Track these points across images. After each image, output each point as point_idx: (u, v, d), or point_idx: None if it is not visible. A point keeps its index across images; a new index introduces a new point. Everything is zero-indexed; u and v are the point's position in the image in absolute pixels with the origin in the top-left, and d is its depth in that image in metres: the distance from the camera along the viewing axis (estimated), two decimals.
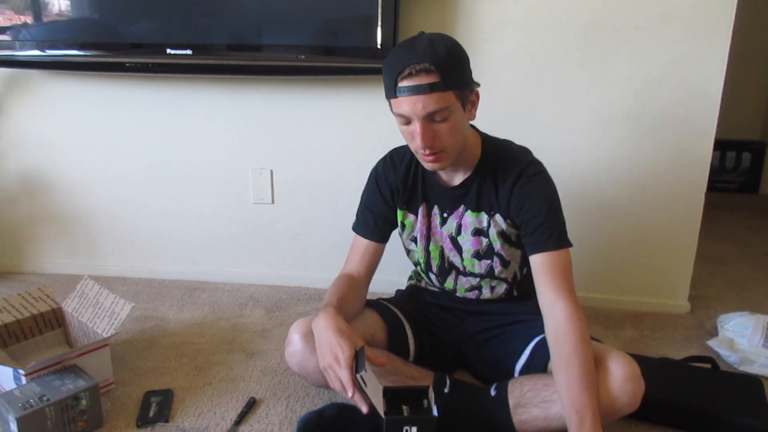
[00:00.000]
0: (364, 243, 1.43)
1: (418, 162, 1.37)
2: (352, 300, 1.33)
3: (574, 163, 1.82)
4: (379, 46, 1.68)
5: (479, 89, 1.23)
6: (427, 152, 1.19)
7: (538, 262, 1.24)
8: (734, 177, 3.23)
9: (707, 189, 1.79)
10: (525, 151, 1.33)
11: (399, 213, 1.41)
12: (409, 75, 1.12)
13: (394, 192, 1.40)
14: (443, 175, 1.34)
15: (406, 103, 1.13)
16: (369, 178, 1.45)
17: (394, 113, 1.19)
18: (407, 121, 1.17)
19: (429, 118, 1.14)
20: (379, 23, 1.66)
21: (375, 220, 1.42)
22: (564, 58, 1.75)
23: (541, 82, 1.77)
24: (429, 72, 1.11)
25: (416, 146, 1.19)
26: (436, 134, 1.16)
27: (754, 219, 2.93)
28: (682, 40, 1.68)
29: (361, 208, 1.46)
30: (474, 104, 1.23)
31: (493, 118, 1.42)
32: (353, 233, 1.46)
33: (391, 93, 1.16)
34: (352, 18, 1.70)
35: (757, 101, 3.24)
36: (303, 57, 1.74)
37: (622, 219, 1.86)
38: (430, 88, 1.11)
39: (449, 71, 1.13)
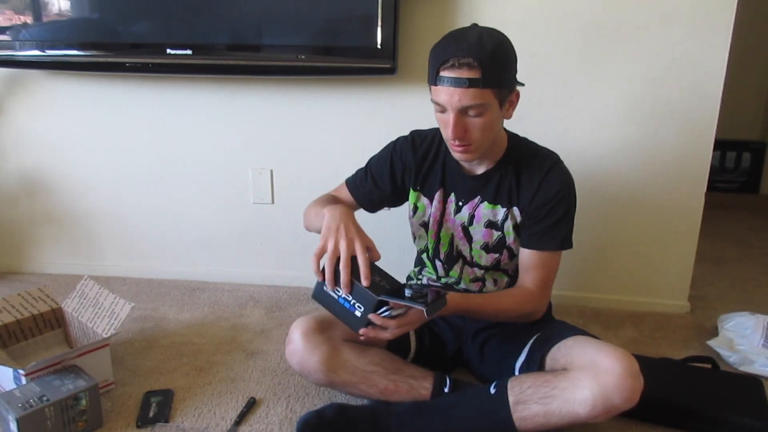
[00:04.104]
0: (347, 196, 1.45)
1: (440, 148, 1.38)
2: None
3: (574, 164, 1.79)
4: (379, 46, 1.68)
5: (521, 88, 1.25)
6: (457, 143, 1.21)
7: (531, 256, 1.31)
8: (734, 177, 3.23)
9: (707, 189, 1.79)
10: (552, 152, 1.36)
11: (412, 195, 1.41)
12: (452, 66, 1.14)
13: (406, 171, 1.40)
14: (466, 164, 1.35)
15: (444, 93, 1.16)
16: (384, 149, 1.44)
17: (432, 100, 1.21)
18: (443, 110, 1.19)
19: (463, 112, 1.17)
20: (379, 23, 1.66)
21: (371, 188, 1.43)
22: (564, 58, 1.74)
23: (541, 82, 1.77)
24: (471, 67, 1.13)
25: (447, 136, 1.22)
26: (468, 128, 1.19)
27: (754, 219, 2.93)
28: (682, 40, 1.68)
29: (364, 170, 1.45)
30: (513, 104, 1.25)
31: None
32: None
33: (432, 80, 1.18)
34: (352, 18, 1.70)
35: (757, 101, 3.24)
36: (303, 57, 1.74)
37: (622, 219, 1.86)
38: (469, 83, 1.13)
39: (492, 69, 1.14)
